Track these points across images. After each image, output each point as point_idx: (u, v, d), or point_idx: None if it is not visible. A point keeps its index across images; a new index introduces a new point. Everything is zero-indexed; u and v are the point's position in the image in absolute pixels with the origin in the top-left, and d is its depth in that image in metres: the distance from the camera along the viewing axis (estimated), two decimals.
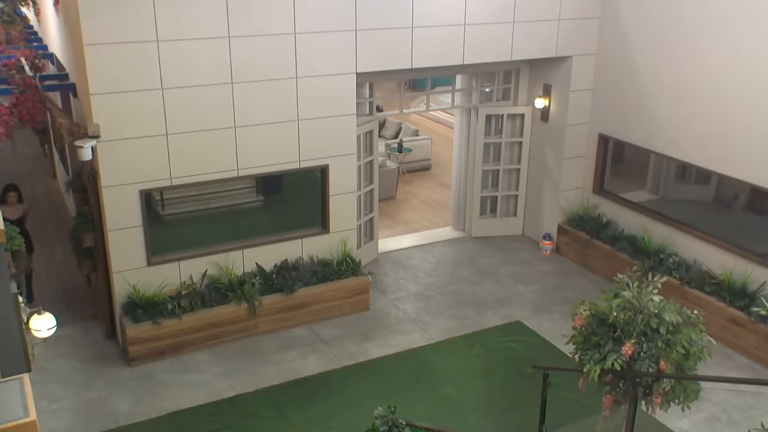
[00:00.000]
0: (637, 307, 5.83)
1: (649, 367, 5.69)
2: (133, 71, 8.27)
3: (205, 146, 8.92)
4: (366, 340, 9.50)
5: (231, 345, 9.26)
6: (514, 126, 12.16)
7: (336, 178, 9.90)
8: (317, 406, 8.19)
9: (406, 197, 14.83)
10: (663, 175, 11.02)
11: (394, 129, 17.80)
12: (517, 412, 8.09)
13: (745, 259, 9.37)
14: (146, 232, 8.88)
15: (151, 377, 8.65)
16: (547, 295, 10.74)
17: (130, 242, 8.84)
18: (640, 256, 10.43)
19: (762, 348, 8.90)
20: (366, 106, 11.03)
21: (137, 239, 8.86)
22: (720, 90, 9.42)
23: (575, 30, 10.95)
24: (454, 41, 10.21)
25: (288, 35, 9.02)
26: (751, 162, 9.13)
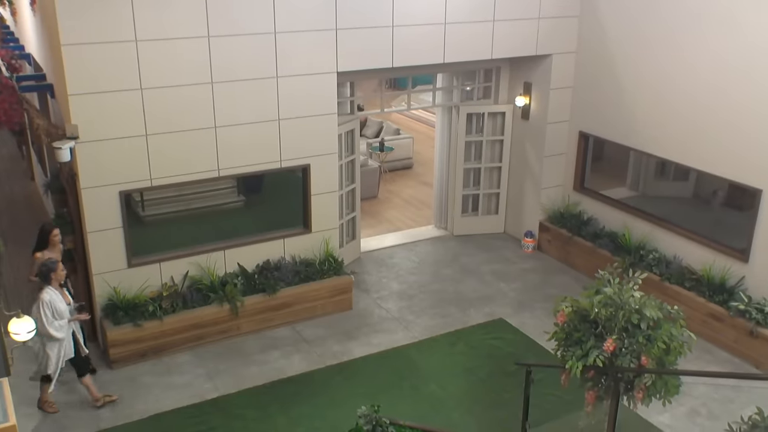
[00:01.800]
0: (618, 303, 5.87)
1: (630, 362, 5.73)
2: (112, 71, 8.20)
3: (186, 146, 8.86)
4: (349, 339, 9.49)
5: (213, 346, 9.21)
6: (495, 124, 12.20)
7: (317, 178, 9.88)
8: (301, 406, 8.17)
9: (388, 196, 14.83)
10: (642, 171, 11.11)
11: (376, 128, 17.79)
12: (501, 410, 8.12)
13: (723, 255, 9.47)
14: (126, 234, 8.81)
15: (133, 380, 8.59)
16: (529, 293, 10.79)
17: (110, 244, 8.76)
18: (621, 252, 10.51)
19: (741, 342, 9.00)
20: (347, 105, 11.01)
21: (117, 241, 8.78)
22: (698, 87, 9.52)
23: (555, 28, 11.01)
24: (434, 40, 10.22)
25: (268, 34, 8.99)
26: (729, 158, 9.23)
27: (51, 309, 7.39)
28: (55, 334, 7.42)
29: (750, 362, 8.95)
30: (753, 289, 9.15)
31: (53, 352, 7.55)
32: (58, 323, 7.46)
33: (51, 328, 7.38)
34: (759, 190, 8.92)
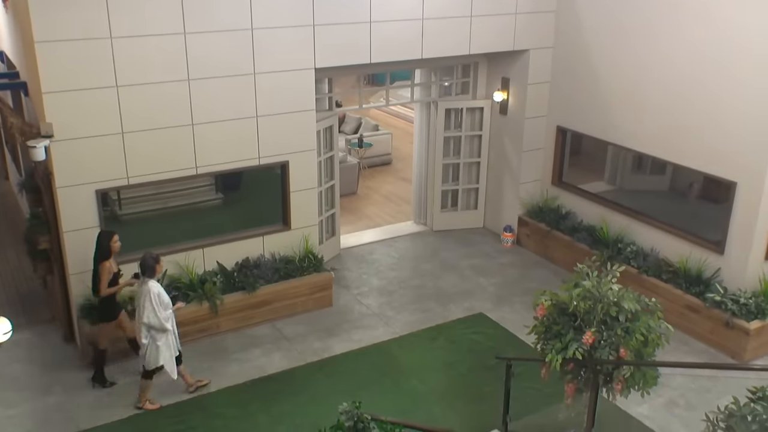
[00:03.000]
0: (596, 296, 5.91)
1: (609, 354, 5.78)
2: (87, 69, 8.11)
3: (163, 144, 8.79)
4: (330, 336, 9.48)
5: (193, 345, 9.14)
6: (474, 119, 12.23)
7: (296, 175, 9.84)
8: (282, 404, 8.15)
9: (367, 192, 14.82)
10: (620, 165, 11.20)
11: (354, 124, 17.76)
12: (481, 403, 8.16)
13: (699, 247, 9.58)
14: None
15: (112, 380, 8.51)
16: (509, 287, 10.84)
17: (87, 243, 8.65)
18: (599, 245, 10.60)
19: (717, 333, 9.11)
20: (325, 101, 10.98)
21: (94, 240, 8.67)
22: (675, 81, 9.61)
23: (532, 23, 11.06)
24: (412, 36, 10.22)
25: (245, 31, 8.93)
26: (705, 152, 9.33)
27: (159, 300, 7.54)
28: (167, 326, 7.60)
29: (726, 353, 9.06)
30: (728, 280, 9.27)
31: (163, 344, 7.69)
32: (165, 314, 7.60)
33: (162, 320, 7.54)
34: (734, 183, 9.03)
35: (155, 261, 7.64)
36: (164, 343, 7.72)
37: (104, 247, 8.02)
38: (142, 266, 7.66)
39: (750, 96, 8.70)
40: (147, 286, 7.57)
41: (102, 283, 7.96)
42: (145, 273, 7.63)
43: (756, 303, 8.89)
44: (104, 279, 7.94)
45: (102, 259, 7.98)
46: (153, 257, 7.66)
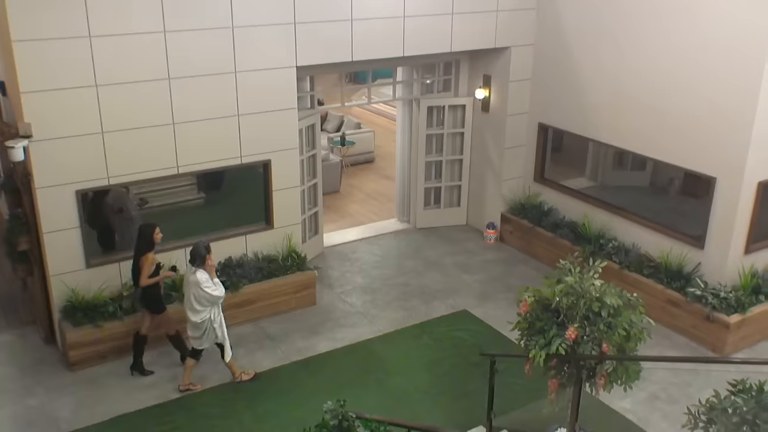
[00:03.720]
0: (579, 291, 5.95)
1: (592, 350, 5.82)
2: (66, 68, 8.03)
3: (143, 144, 8.72)
4: (313, 334, 9.47)
5: None
6: (456, 117, 12.26)
7: (279, 173, 9.81)
8: (266, 403, 8.13)
9: (350, 190, 14.81)
10: (601, 162, 11.28)
11: (336, 122, 17.73)
12: (466, 400, 8.18)
13: (680, 242, 9.67)
14: (84, 234, 8.64)
15: (94, 381, 8.44)
16: (492, 284, 10.88)
17: (67, 244, 8.59)
18: (581, 241, 10.66)
19: (698, 327, 9.20)
20: (307, 99, 10.96)
21: (75, 241, 8.62)
22: (654, 77, 9.68)
23: (513, 21, 11.09)
24: (393, 33, 10.22)
25: (226, 29, 8.89)
26: (684, 148, 9.41)
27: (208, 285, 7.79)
28: (221, 294, 7.92)
29: (707, 346, 9.15)
30: (708, 274, 9.36)
31: (218, 325, 8.00)
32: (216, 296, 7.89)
33: (217, 293, 7.84)
34: (713, 178, 9.12)
35: (207, 251, 7.81)
36: (219, 326, 8.01)
37: (148, 239, 8.16)
38: (192, 255, 7.84)
39: (729, 93, 8.78)
40: (196, 276, 7.77)
41: (143, 274, 8.10)
42: (195, 262, 7.79)
43: (736, 297, 8.99)
44: (146, 270, 8.11)
45: (146, 251, 8.12)
46: (205, 246, 7.84)
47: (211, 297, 7.85)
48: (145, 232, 8.19)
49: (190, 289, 7.87)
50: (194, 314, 7.91)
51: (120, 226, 9.32)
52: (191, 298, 7.87)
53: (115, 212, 9.22)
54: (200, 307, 7.87)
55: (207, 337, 8.06)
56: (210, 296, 7.83)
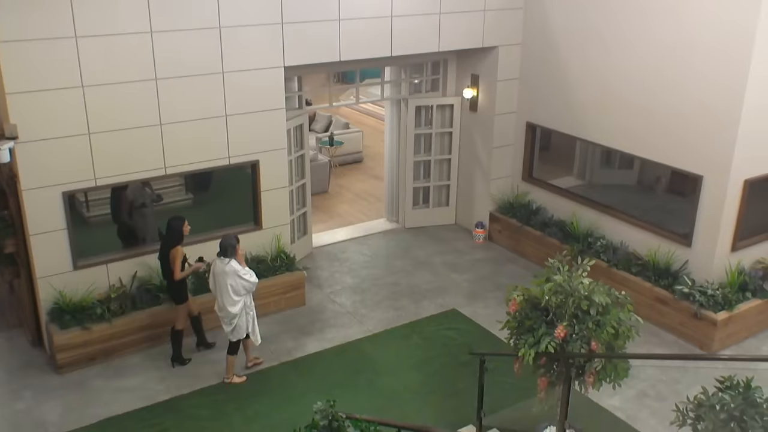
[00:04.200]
0: (568, 290, 5.97)
1: (581, 348, 5.84)
2: (52, 69, 7.98)
3: (130, 145, 8.68)
4: (303, 335, 9.45)
5: (165, 347, 9.03)
6: (444, 116, 12.27)
7: (267, 174, 9.79)
8: (256, 404, 8.10)
9: (338, 190, 14.79)
10: (589, 160, 11.32)
11: (325, 122, 17.71)
12: (456, 399, 8.19)
13: (668, 240, 9.72)
14: (71, 235, 8.59)
15: (82, 384, 8.40)
16: (481, 283, 10.90)
17: (54, 246, 8.54)
18: (570, 240, 10.70)
19: (686, 324, 9.25)
20: (295, 100, 10.94)
21: (62, 243, 8.56)
22: (641, 76, 9.72)
23: (500, 20, 11.12)
24: (381, 33, 10.22)
25: (213, 29, 8.85)
26: (671, 146, 9.46)
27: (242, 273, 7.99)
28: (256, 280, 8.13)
29: (694, 343, 9.21)
30: (696, 272, 9.41)
31: (251, 314, 8.24)
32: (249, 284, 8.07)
33: (253, 279, 8.06)
34: (700, 177, 9.17)
35: (237, 241, 8.02)
36: (252, 316, 8.24)
37: (178, 232, 8.34)
38: (223, 246, 7.99)
39: (715, 92, 8.84)
40: (231, 265, 7.94)
41: (176, 267, 8.28)
42: (227, 253, 7.96)
43: (723, 294, 9.05)
44: (178, 262, 8.27)
45: (175, 244, 8.29)
46: (235, 237, 8.05)
47: (248, 284, 8.04)
48: (175, 225, 8.34)
49: (225, 280, 7.97)
50: (232, 305, 8.04)
51: (141, 222, 9.46)
52: (228, 289, 7.98)
53: (137, 207, 9.36)
54: (237, 297, 8.03)
55: (240, 328, 8.21)
56: (247, 283, 8.03)
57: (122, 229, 9.36)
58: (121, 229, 9.35)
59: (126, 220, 9.32)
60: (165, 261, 8.38)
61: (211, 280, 8.24)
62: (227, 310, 8.07)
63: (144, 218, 9.41)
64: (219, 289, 8.08)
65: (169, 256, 8.29)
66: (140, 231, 9.45)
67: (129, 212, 9.32)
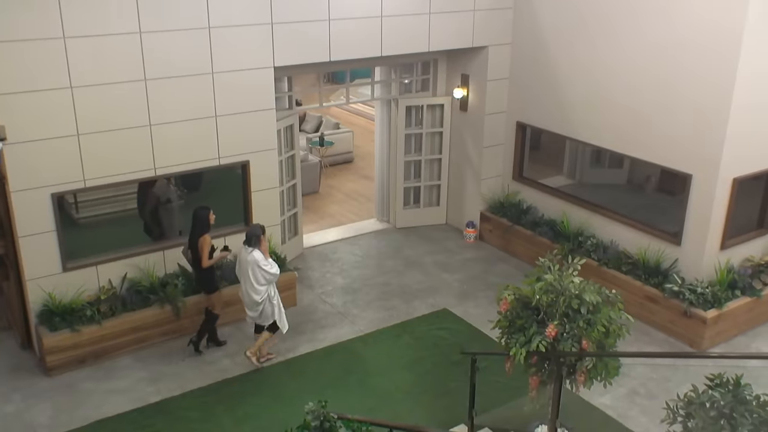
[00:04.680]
0: (558, 289, 5.99)
1: (572, 346, 5.86)
2: (40, 70, 7.93)
3: (120, 146, 8.64)
4: (294, 335, 9.43)
5: (155, 348, 9.02)
6: (434, 116, 12.28)
7: (257, 174, 9.77)
8: (246, 406, 8.08)
9: (329, 191, 14.78)
10: (579, 160, 11.35)
11: (315, 123, 17.69)
12: (447, 398, 8.20)
13: (657, 239, 9.76)
14: (60, 237, 8.55)
15: (72, 386, 8.35)
16: (472, 282, 10.91)
17: (44, 248, 8.49)
18: (560, 239, 10.73)
19: (676, 323, 9.29)
20: (285, 100, 10.92)
21: (51, 244, 8.51)
22: (630, 75, 9.76)
23: (490, 20, 11.13)
24: (371, 33, 10.21)
25: (202, 30, 8.83)
26: (661, 145, 9.50)
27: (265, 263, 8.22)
28: (277, 272, 8.36)
29: (684, 341, 9.25)
30: (685, 270, 9.46)
31: (276, 302, 8.46)
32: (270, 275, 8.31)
33: (274, 270, 8.28)
34: (689, 175, 9.21)
35: (262, 231, 8.29)
36: (276, 303, 8.44)
37: (205, 221, 8.55)
38: (249, 236, 8.25)
39: (704, 91, 8.88)
40: (253, 255, 8.17)
41: (204, 255, 8.50)
42: (251, 242, 8.21)
43: (712, 292, 9.10)
44: (206, 251, 8.50)
45: (202, 233, 8.50)
46: (260, 228, 8.33)
47: (269, 275, 8.26)
48: (201, 214, 8.55)
49: (248, 269, 8.21)
50: (255, 293, 8.27)
51: (166, 217, 9.66)
52: (250, 277, 8.21)
53: (162, 203, 9.52)
54: (259, 285, 8.25)
55: (265, 315, 8.44)
56: (268, 274, 8.25)
57: (148, 224, 9.59)
58: (147, 224, 9.58)
59: (153, 215, 9.56)
60: (194, 250, 8.57)
61: (237, 267, 8.51)
62: (250, 296, 8.32)
63: (169, 213, 9.64)
64: (243, 277, 8.35)
65: (198, 244, 8.49)
66: (166, 226, 9.66)
67: (155, 208, 9.52)
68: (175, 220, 9.72)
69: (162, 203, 9.53)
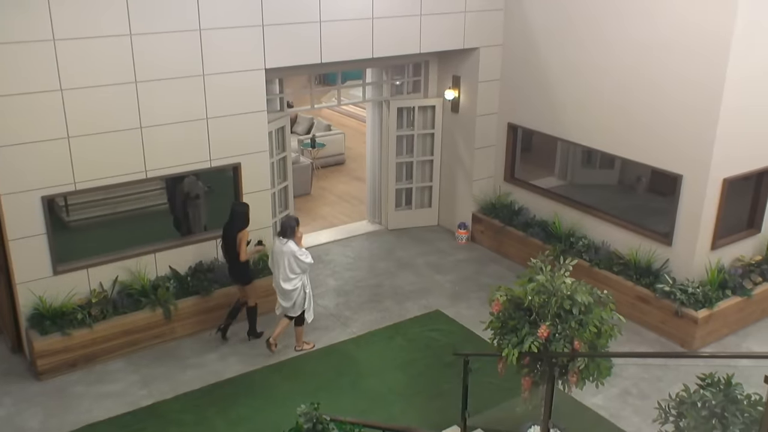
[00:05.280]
0: (550, 290, 5.99)
1: (564, 347, 5.86)
2: (30, 72, 7.89)
3: (110, 148, 8.61)
4: (287, 338, 9.39)
5: (147, 351, 8.99)
6: (426, 118, 12.29)
7: (249, 177, 9.75)
8: (239, 408, 8.06)
9: (321, 193, 14.77)
10: (570, 161, 11.38)
11: (306, 124, 17.68)
12: (440, 400, 8.19)
13: (649, 239, 9.79)
14: (51, 240, 8.50)
15: (63, 390, 8.31)
16: (465, 283, 10.92)
17: (34, 251, 8.44)
18: (552, 240, 10.75)
19: (667, 322, 9.33)
20: (276, 102, 10.91)
21: (41, 248, 8.47)
22: (623, 77, 9.79)
23: (481, 22, 11.15)
24: (362, 35, 10.21)
25: (193, 32, 8.80)
26: (651, 146, 9.54)
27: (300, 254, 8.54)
28: (311, 261, 8.72)
29: (676, 341, 9.28)
30: (676, 270, 9.49)
31: (308, 291, 8.81)
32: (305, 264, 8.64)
33: (308, 260, 8.63)
34: (680, 176, 9.25)
35: (297, 223, 8.61)
36: (309, 292, 8.80)
37: (247, 216, 8.93)
38: (284, 228, 8.57)
39: (694, 92, 8.92)
40: (288, 246, 8.49)
41: (243, 248, 8.85)
42: (286, 234, 8.52)
43: (703, 292, 9.13)
44: (244, 244, 8.86)
45: (242, 228, 8.84)
46: (295, 219, 8.66)
47: (304, 264, 8.58)
48: (241, 209, 8.93)
49: (283, 259, 8.50)
50: (288, 282, 8.57)
51: (194, 212, 9.90)
52: (285, 268, 8.51)
53: (192, 199, 9.69)
54: (293, 275, 8.55)
55: (298, 304, 8.75)
56: (303, 264, 8.57)
57: (177, 219, 9.82)
58: (176, 219, 9.82)
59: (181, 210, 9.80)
60: (230, 243, 8.85)
61: (271, 259, 8.81)
62: (283, 287, 8.59)
63: (197, 209, 9.84)
64: (277, 267, 8.62)
65: (238, 237, 8.79)
66: (193, 221, 9.88)
67: (184, 203, 9.69)
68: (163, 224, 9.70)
69: (191, 199, 9.74)
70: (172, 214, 9.76)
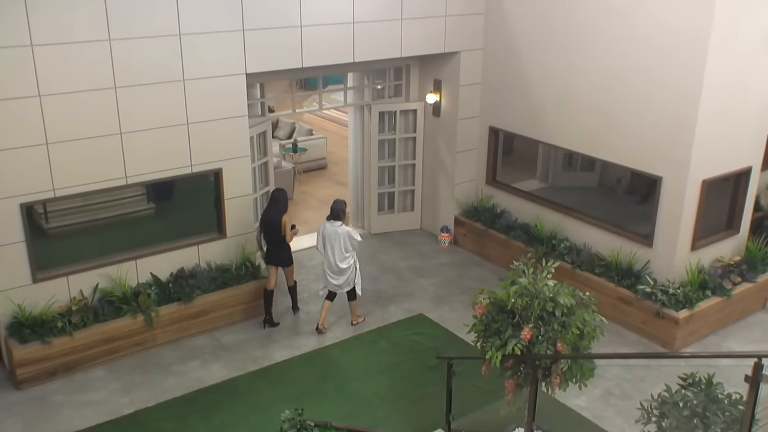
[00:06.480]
0: (533, 292, 6.01)
1: (547, 349, 5.89)
2: (7, 78, 7.80)
3: (90, 154, 8.53)
4: (270, 343, 9.38)
5: (128, 359, 8.91)
6: (407, 122, 12.30)
7: (230, 182, 9.70)
8: (222, 415, 8.01)
9: (303, 197, 14.73)
10: (551, 163, 11.44)
11: (288, 129, 17.63)
12: (424, 403, 8.19)
13: (630, 241, 9.86)
14: (30, 248, 8.41)
15: (43, 399, 8.21)
16: (448, 287, 10.93)
17: (12, 259, 8.34)
18: (534, 243, 10.80)
19: (649, 323, 9.40)
20: (257, 107, 10.87)
21: (20, 255, 8.37)
22: (603, 80, 9.86)
23: (461, 26, 11.20)
24: (343, 39, 10.21)
25: (173, 36, 8.76)
26: (631, 148, 9.61)
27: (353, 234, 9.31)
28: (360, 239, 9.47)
29: (657, 342, 9.35)
30: (657, 271, 9.57)
31: (358, 267, 9.60)
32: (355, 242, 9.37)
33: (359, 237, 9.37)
34: (660, 177, 9.33)
35: (345, 206, 9.45)
36: (359, 268, 9.59)
37: (286, 202, 9.57)
38: (336, 212, 9.30)
39: (672, 94, 9.01)
40: (343, 227, 9.26)
41: (288, 231, 9.48)
42: (339, 217, 9.29)
43: (684, 293, 9.21)
44: (288, 227, 9.48)
45: (284, 213, 9.47)
46: (344, 203, 9.49)
47: (356, 243, 9.33)
48: (281, 196, 9.53)
49: (338, 240, 9.21)
50: (344, 261, 9.30)
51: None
52: (341, 248, 9.23)
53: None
54: (348, 253, 9.30)
55: (350, 280, 9.48)
56: (356, 242, 9.31)
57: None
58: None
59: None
60: (273, 227, 9.41)
61: (320, 241, 9.41)
62: (339, 266, 9.28)
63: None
64: (331, 248, 9.27)
65: (282, 222, 9.38)
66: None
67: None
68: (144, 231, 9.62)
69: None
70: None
